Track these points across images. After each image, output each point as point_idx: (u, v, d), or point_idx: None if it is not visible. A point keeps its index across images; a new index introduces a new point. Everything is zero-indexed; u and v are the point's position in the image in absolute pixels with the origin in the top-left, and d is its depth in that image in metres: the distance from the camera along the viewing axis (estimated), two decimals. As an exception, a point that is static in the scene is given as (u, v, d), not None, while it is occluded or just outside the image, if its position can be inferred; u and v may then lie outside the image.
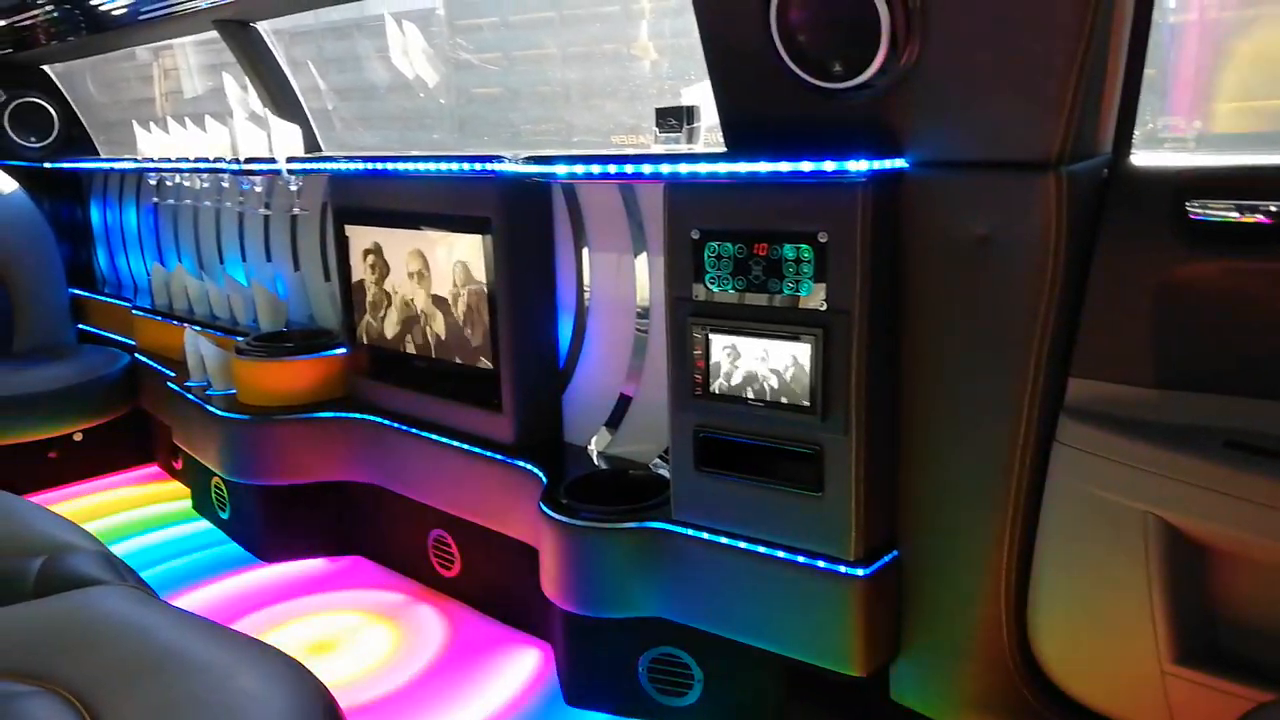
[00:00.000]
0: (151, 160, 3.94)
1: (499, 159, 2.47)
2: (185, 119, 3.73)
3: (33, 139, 4.81)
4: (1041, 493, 1.86)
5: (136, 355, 4.35)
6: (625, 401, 2.76)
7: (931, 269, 1.87)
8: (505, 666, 2.70)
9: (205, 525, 3.74)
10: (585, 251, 2.76)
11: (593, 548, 2.33)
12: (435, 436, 2.93)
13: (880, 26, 1.75)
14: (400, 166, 2.84)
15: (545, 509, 2.41)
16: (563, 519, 2.35)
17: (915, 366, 1.94)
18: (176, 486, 4.14)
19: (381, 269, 3.07)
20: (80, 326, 4.89)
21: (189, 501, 3.94)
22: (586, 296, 2.79)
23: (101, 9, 3.73)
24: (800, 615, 2.06)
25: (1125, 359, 1.75)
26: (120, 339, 4.64)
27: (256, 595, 3.17)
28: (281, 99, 3.67)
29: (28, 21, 4.07)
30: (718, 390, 2.08)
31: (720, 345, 2.06)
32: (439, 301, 2.91)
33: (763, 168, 1.89)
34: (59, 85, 4.96)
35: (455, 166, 2.63)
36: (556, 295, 2.82)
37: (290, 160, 3.26)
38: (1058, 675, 1.91)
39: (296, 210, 3.58)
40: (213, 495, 3.64)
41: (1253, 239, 1.64)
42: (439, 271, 2.88)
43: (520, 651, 2.77)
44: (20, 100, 4.77)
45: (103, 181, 5.05)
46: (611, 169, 2.11)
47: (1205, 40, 2.50)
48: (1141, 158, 1.81)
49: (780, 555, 2.06)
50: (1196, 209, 1.67)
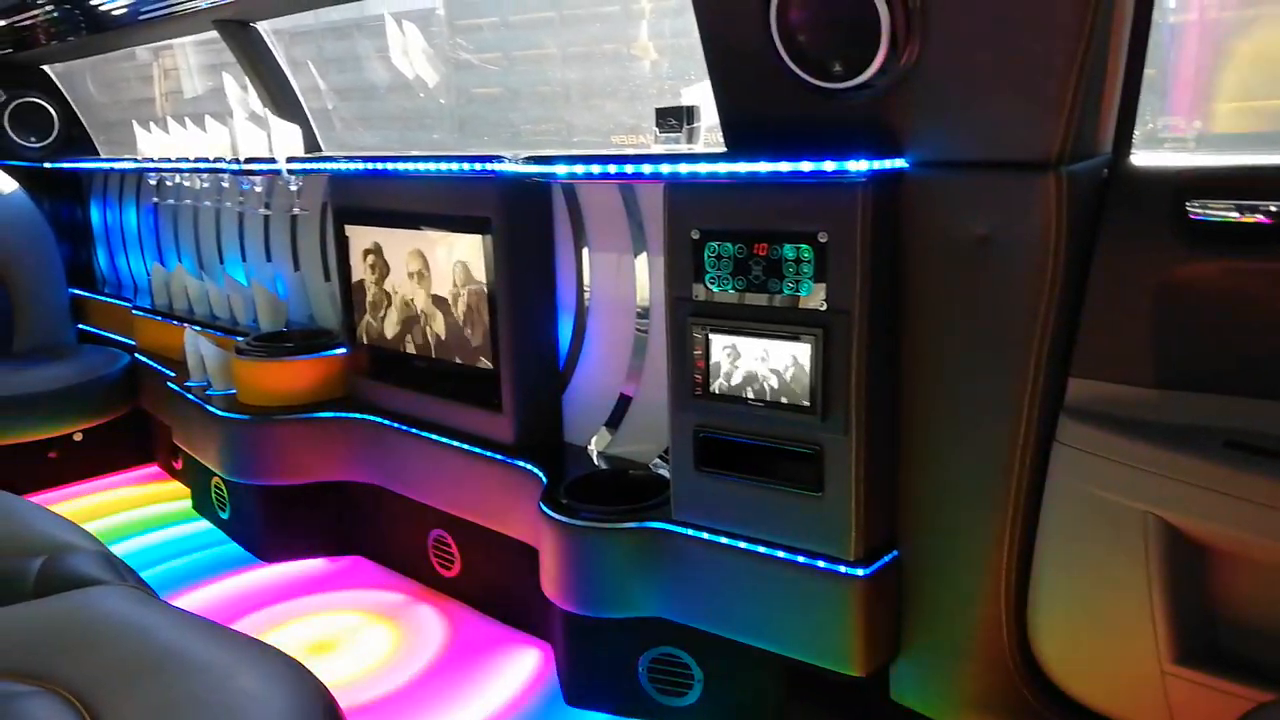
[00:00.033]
0: (151, 160, 3.94)
1: (499, 159, 2.47)
2: (185, 119, 3.73)
3: (33, 139, 4.81)
4: (1041, 493, 1.86)
5: (136, 355, 4.34)
6: (625, 401, 2.76)
7: (931, 269, 1.87)
8: (505, 666, 2.70)
9: (205, 525, 3.74)
10: (585, 251, 2.76)
11: (593, 548, 2.33)
12: (435, 436, 2.93)
13: (880, 26, 1.75)
14: (400, 166, 2.84)
15: (545, 509, 2.41)
16: (563, 519, 2.35)
17: (915, 366, 1.94)
18: (176, 486, 4.14)
19: (381, 269, 3.07)
20: (80, 326, 4.89)
21: (189, 501, 3.94)
22: (586, 296, 2.79)
23: (101, 9, 3.72)
24: (800, 615, 2.06)
25: (1125, 359, 1.75)
26: (120, 339, 4.64)
27: (256, 595, 3.17)
28: (281, 99, 3.67)
29: (28, 21, 4.06)
30: (718, 390, 2.08)
31: (720, 345, 2.06)
32: (439, 301, 2.91)
33: (763, 168, 1.89)
34: (59, 85, 4.96)
35: (455, 166, 2.63)
36: (556, 295, 2.82)
37: (290, 160, 3.26)
38: (1058, 675, 1.91)
39: (296, 210, 3.58)
40: (213, 495, 3.64)
41: (1253, 239, 1.64)
42: (439, 271, 2.88)
43: (520, 651, 2.77)
44: (20, 100, 4.77)
45: (103, 181, 5.05)
46: (611, 169, 2.11)
47: (1205, 40, 2.50)
48: (1141, 158, 1.81)
49: (780, 555, 2.06)
50: (1196, 209, 1.67)
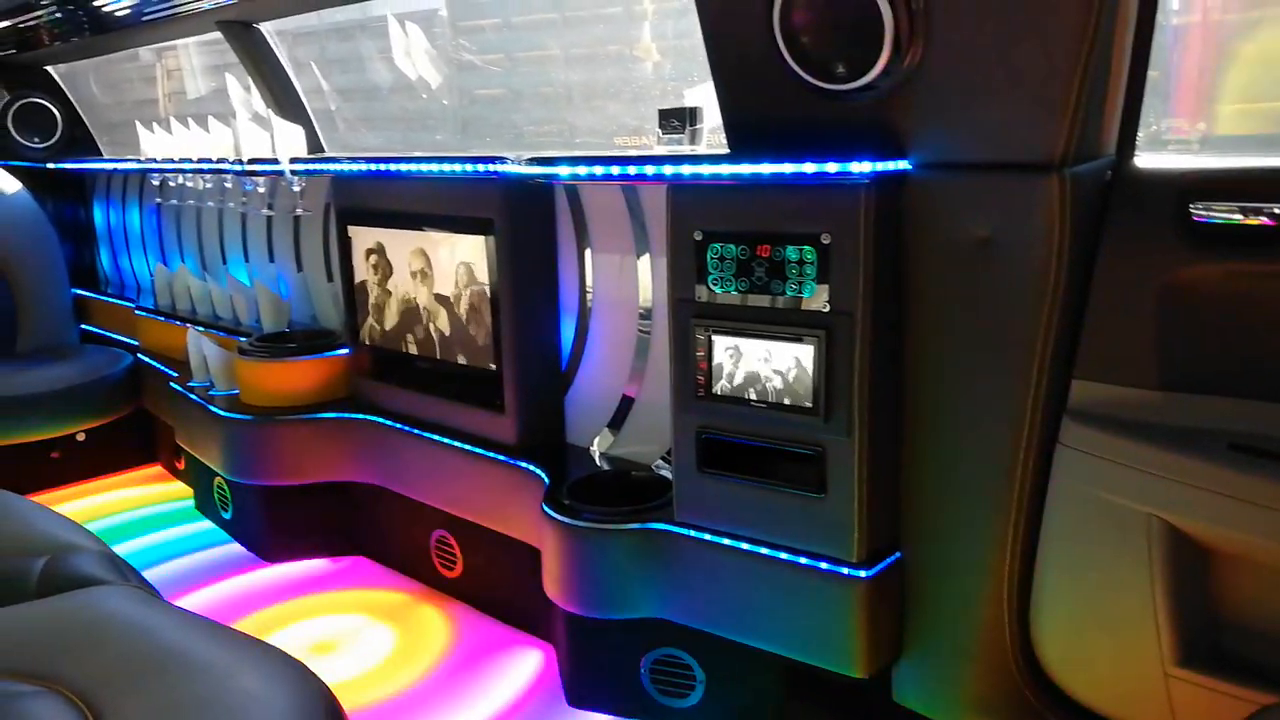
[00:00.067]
0: (155, 161, 3.95)
1: (502, 160, 2.47)
2: (188, 119, 3.74)
3: (36, 139, 4.82)
4: (1044, 495, 1.86)
5: (139, 355, 4.35)
6: (628, 403, 2.76)
7: (935, 270, 1.87)
8: (507, 667, 2.70)
9: (208, 525, 3.74)
10: (588, 253, 2.76)
11: (595, 549, 2.33)
12: (438, 437, 2.93)
13: (883, 28, 1.75)
14: (403, 168, 2.84)
15: (547, 510, 2.41)
16: (565, 520, 2.35)
17: (918, 368, 1.94)
18: (179, 486, 4.14)
19: (384, 269, 3.07)
20: (83, 327, 4.90)
21: (191, 501, 3.94)
22: (589, 298, 2.79)
23: (105, 10, 3.73)
24: (803, 617, 2.06)
25: (1129, 361, 1.75)
26: (123, 339, 4.64)
27: (259, 595, 3.17)
28: (284, 100, 3.67)
29: (31, 22, 4.07)
30: (720, 391, 2.08)
31: (723, 346, 2.06)
32: (441, 302, 2.91)
33: (766, 169, 1.89)
34: (62, 86, 4.97)
35: (458, 168, 2.63)
36: (559, 296, 2.82)
37: (293, 161, 3.26)
38: (1061, 678, 1.91)
39: (299, 211, 3.58)
40: (215, 495, 3.64)
41: (1256, 241, 1.64)
42: (442, 272, 2.88)
43: (522, 652, 2.77)
44: (24, 101, 4.78)
45: (106, 182, 5.05)
46: (614, 170, 2.11)
47: (1209, 42, 2.50)
48: (1145, 159, 1.81)
49: (783, 557, 2.06)
50: (1200, 211, 1.67)
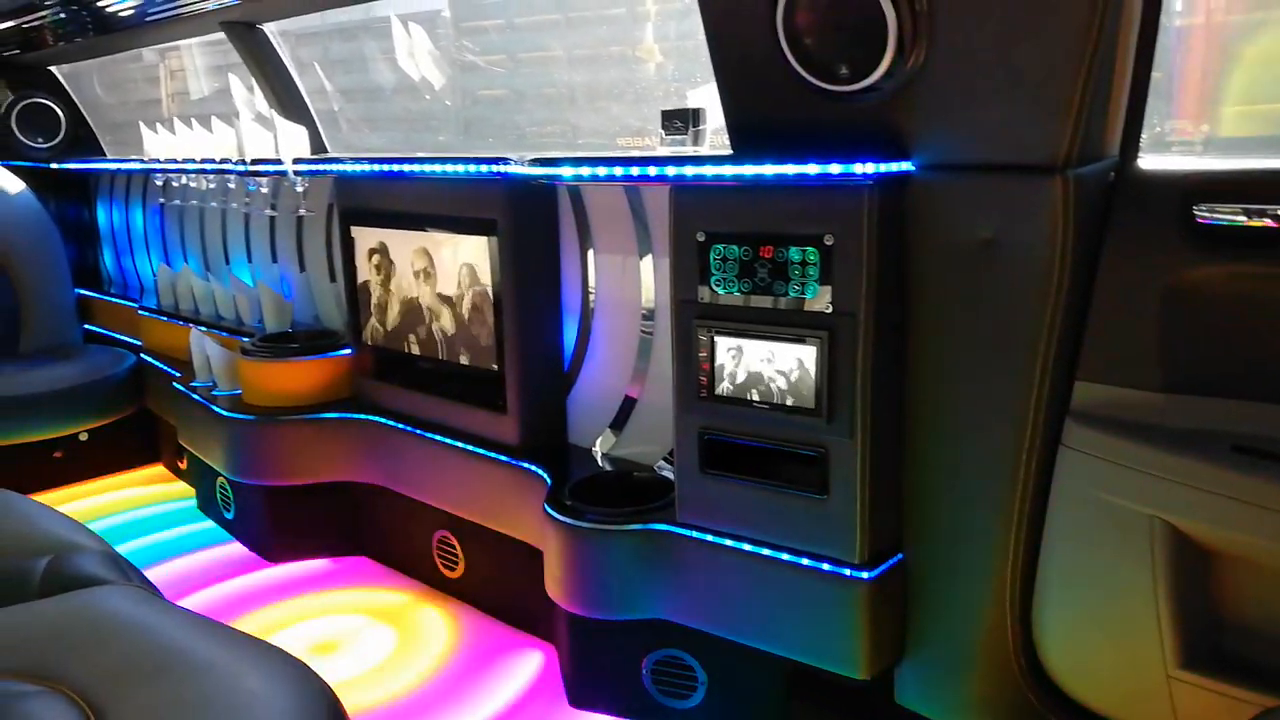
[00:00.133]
0: (158, 161, 3.95)
1: (505, 161, 2.47)
2: (191, 120, 3.74)
3: (40, 139, 4.83)
4: (1047, 497, 1.86)
5: (142, 355, 4.35)
6: (630, 403, 2.76)
7: (937, 272, 1.87)
8: (509, 668, 2.70)
9: (210, 525, 3.75)
10: (590, 253, 2.76)
11: (597, 549, 2.33)
12: (440, 438, 2.93)
13: (887, 29, 1.75)
14: (406, 168, 2.84)
15: (550, 510, 2.41)
16: (567, 521, 2.35)
17: (920, 369, 1.94)
18: (182, 486, 4.15)
19: (387, 270, 3.08)
20: (86, 327, 4.90)
21: (194, 501, 3.94)
22: (592, 298, 2.79)
23: (108, 10, 3.73)
24: (805, 618, 2.06)
25: (1132, 363, 1.75)
26: (126, 339, 4.65)
27: (260, 595, 3.17)
28: (287, 100, 3.67)
29: (35, 22, 4.07)
30: (723, 392, 2.08)
31: (725, 347, 2.06)
32: (444, 302, 2.91)
33: (768, 170, 1.89)
34: (66, 86, 4.98)
35: (461, 168, 2.63)
36: (562, 297, 2.82)
37: (296, 161, 3.27)
38: (1063, 679, 1.91)
39: (302, 211, 3.59)
40: (218, 495, 3.65)
41: (1260, 243, 1.63)
42: (444, 272, 2.88)
43: (524, 653, 2.76)
44: (27, 101, 4.79)
45: (109, 182, 5.06)
46: (617, 171, 2.11)
47: (1212, 44, 2.50)
48: (1149, 161, 1.81)
49: (785, 558, 2.06)
50: (1204, 213, 1.67)
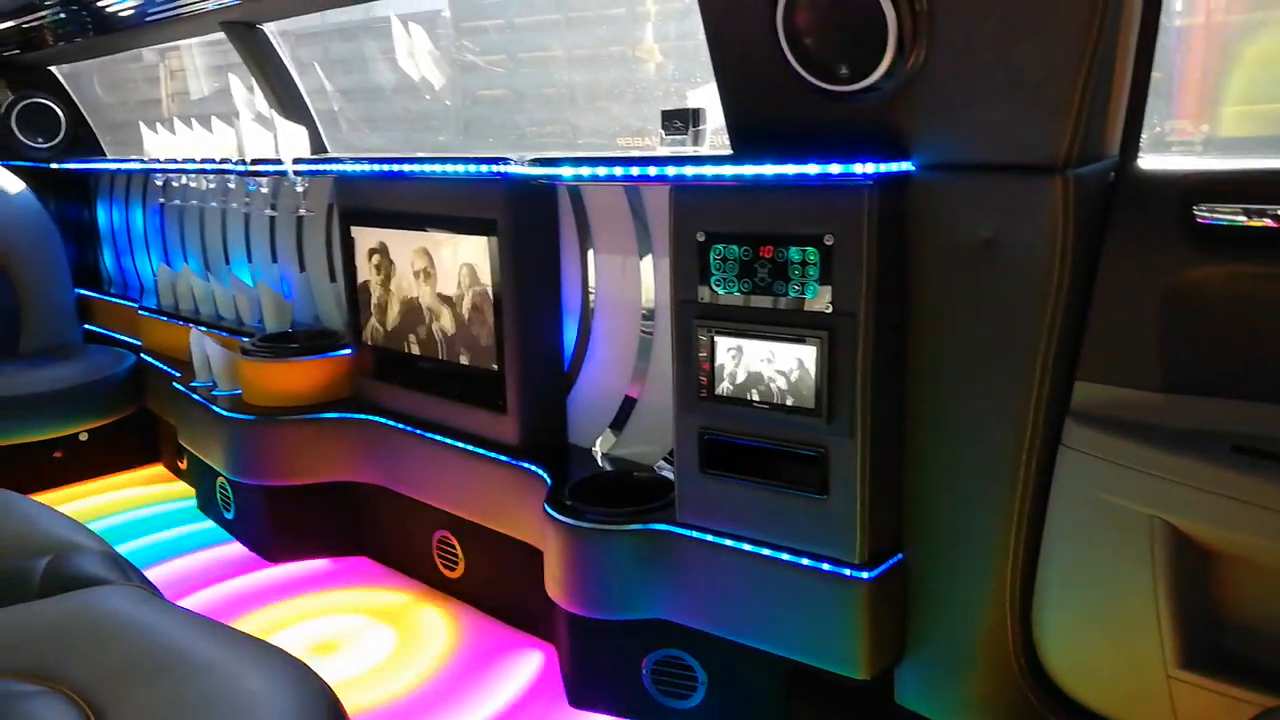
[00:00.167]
0: (158, 161, 3.95)
1: (505, 161, 2.47)
2: (191, 120, 3.74)
3: (40, 139, 4.83)
4: (1047, 497, 1.86)
5: (142, 355, 4.35)
6: (630, 403, 2.76)
7: (937, 272, 1.87)
8: (509, 668, 2.70)
9: (210, 525, 3.75)
10: (590, 253, 2.76)
11: (597, 549, 2.33)
12: (440, 438, 2.93)
13: (887, 29, 1.75)
14: (406, 168, 2.84)
15: (550, 510, 2.41)
16: (567, 521, 2.35)
17: (921, 369, 1.94)
18: (181, 486, 4.15)
19: (387, 270, 3.08)
20: (86, 327, 4.90)
21: (194, 501, 3.94)
22: (592, 298, 2.79)
23: (109, 10, 3.73)
24: (805, 618, 2.06)
25: (1132, 362, 1.75)
26: (126, 339, 4.65)
27: (260, 595, 3.17)
28: (287, 100, 3.67)
29: (35, 22, 4.07)
30: (723, 392, 2.08)
31: (725, 347, 2.06)
32: (444, 302, 2.91)
33: (768, 170, 1.89)
34: (66, 86, 4.98)
35: (461, 168, 2.63)
36: (562, 297, 2.82)
37: (296, 161, 3.27)
38: (1063, 680, 1.91)
39: (302, 211, 3.59)
40: (218, 495, 3.65)
41: (1260, 243, 1.63)
42: (444, 272, 2.88)
43: (524, 653, 2.76)
44: (27, 101, 4.79)
45: (109, 182, 5.06)
46: (617, 171, 2.11)
47: (1212, 44, 2.50)
48: (1149, 161, 1.81)
49: (785, 558, 2.06)
50: (1204, 213, 1.67)
